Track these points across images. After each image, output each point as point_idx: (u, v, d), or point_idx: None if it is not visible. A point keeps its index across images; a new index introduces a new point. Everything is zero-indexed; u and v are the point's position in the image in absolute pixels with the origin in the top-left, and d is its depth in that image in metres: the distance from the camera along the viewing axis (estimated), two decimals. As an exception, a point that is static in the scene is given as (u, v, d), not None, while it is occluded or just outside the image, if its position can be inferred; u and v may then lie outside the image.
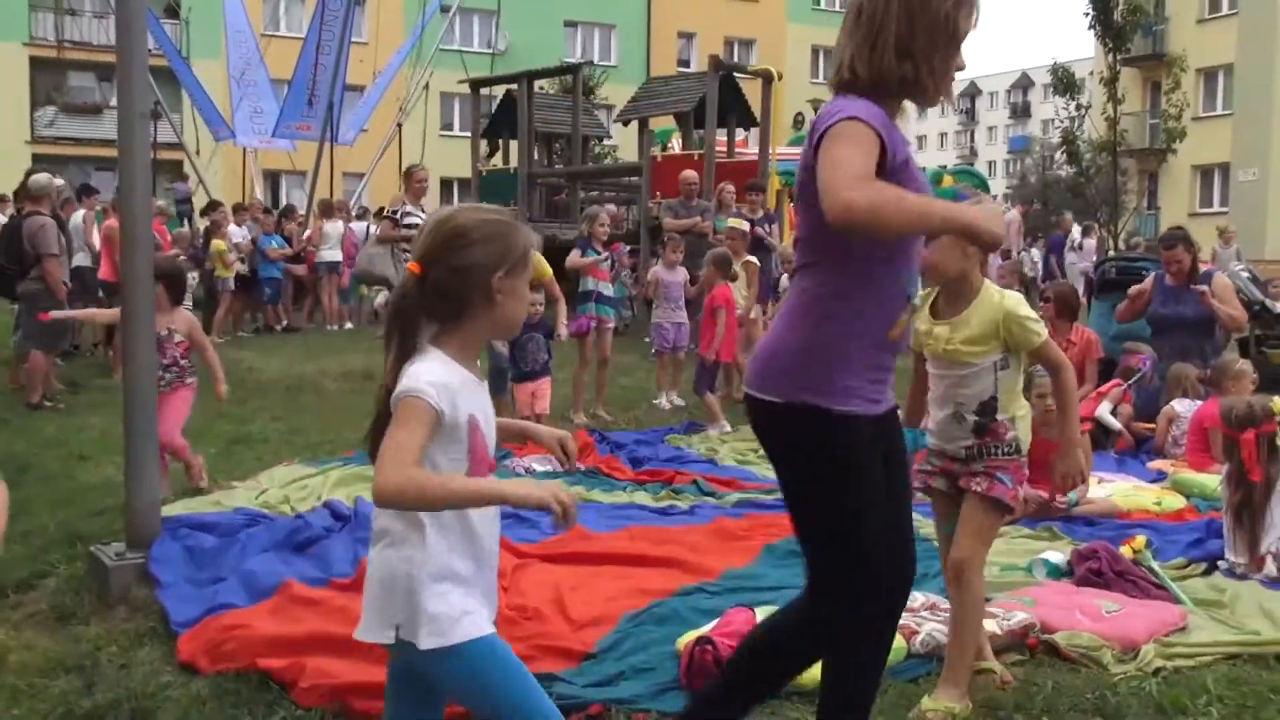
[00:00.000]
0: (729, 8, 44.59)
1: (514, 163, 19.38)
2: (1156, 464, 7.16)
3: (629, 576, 4.49)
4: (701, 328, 9.22)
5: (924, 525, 4.01)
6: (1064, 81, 17.54)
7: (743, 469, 7.12)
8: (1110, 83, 15.97)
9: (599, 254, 9.39)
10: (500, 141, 21.47)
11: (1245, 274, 10.86)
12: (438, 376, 2.28)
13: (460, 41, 32.96)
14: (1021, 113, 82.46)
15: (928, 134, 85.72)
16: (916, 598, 4.10)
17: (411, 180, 10.45)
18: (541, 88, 22.75)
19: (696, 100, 17.30)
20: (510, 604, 4.10)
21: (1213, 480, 6.44)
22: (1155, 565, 4.55)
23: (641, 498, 6.24)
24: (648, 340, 11.26)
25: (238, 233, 15.89)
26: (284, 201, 24.81)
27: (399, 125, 22.98)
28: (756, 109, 17.50)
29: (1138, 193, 37.89)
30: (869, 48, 2.65)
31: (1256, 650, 3.83)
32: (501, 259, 2.35)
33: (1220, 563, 4.78)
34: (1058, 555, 4.71)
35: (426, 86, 22.42)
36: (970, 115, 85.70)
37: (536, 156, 19.35)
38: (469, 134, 22.22)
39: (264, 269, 16.04)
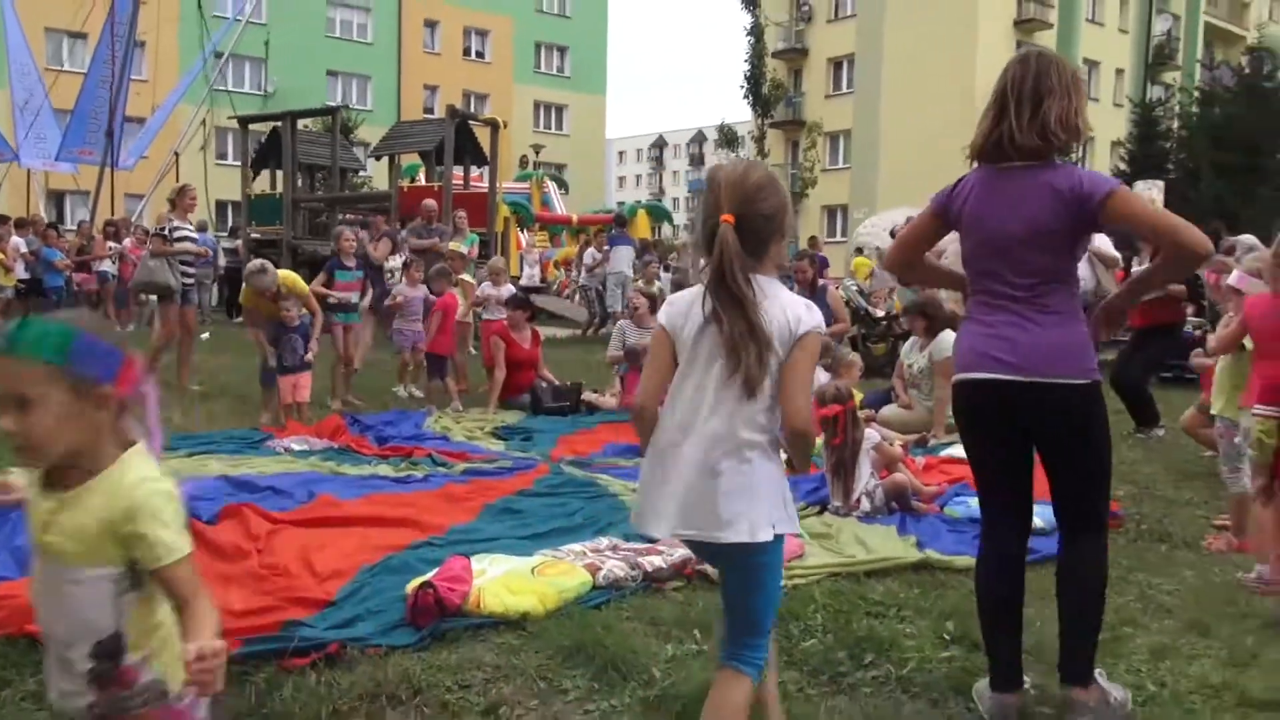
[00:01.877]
0: (466, 66, 44.08)
1: (280, 189, 18.48)
2: (789, 431, 7.59)
3: (368, 536, 4.33)
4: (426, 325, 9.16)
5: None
6: (727, 138, 18.48)
7: (472, 444, 7.02)
8: (759, 140, 17.00)
9: (349, 269, 9.11)
10: (268, 171, 20.42)
11: (854, 288, 11.68)
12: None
13: (233, 83, 31.02)
14: (698, 161, 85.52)
15: (626, 175, 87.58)
16: (601, 541, 4.19)
17: (184, 197, 9.85)
18: (305, 126, 21.77)
19: (437, 141, 17.03)
20: (263, 563, 3.90)
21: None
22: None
23: (384, 470, 6.02)
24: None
25: (20, 243, 14.40)
26: (69, 217, 22.75)
27: (176, 153, 21.45)
28: (488, 150, 17.41)
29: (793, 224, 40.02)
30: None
31: (852, 569, 4.08)
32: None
33: (832, 504, 5.10)
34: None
35: (204, 122, 21.02)
36: (659, 162, 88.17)
37: (300, 184, 18.50)
38: (236, 163, 21.02)
39: (49, 278, 14.62)
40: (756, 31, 17.41)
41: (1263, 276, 4.20)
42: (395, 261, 11.60)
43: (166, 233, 9.66)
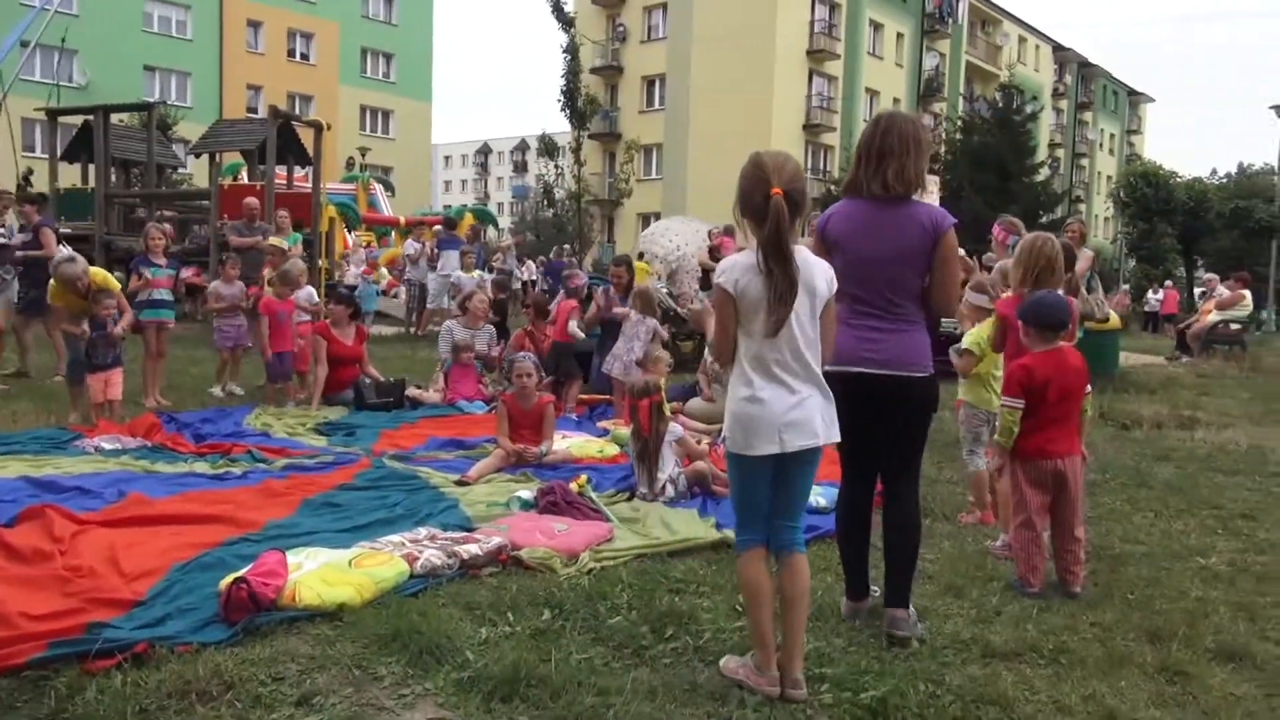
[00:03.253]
0: (291, 67, 42.12)
1: (92, 183, 17.06)
2: (603, 423, 7.63)
3: (182, 534, 4.05)
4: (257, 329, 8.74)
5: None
6: (548, 148, 18.52)
7: (293, 440, 6.69)
8: (576, 150, 17.10)
9: (159, 265, 8.54)
10: (79, 165, 18.81)
11: (664, 289, 11.88)
12: None
13: (41, 74, 28.45)
14: (521, 168, 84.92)
15: (452, 180, 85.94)
16: (420, 531, 4.09)
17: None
18: (121, 120, 20.23)
19: (260, 140, 16.17)
20: (66, 565, 3.59)
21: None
22: (593, 495, 4.83)
23: (201, 467, 5.65)
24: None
25: None
26: None
27: (-26, 144, 19.41)
28: (312, 151, 16.66)
29: (600, 230, 40.45)
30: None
31: (656, 550, 4.13)
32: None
33: (637, 492, 5.16)
34: (527, 493, 4.85)
35: (3, 111, 19.09)
36: (484, 168, 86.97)
37: (115, 180, 17.13)
38: (43, 155, 19.29)
39: None
40: (572, 49, 17.50)
41: (993, 288, 4.61)
42: None
43: None
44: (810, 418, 2.81)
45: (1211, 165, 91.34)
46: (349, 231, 22.77)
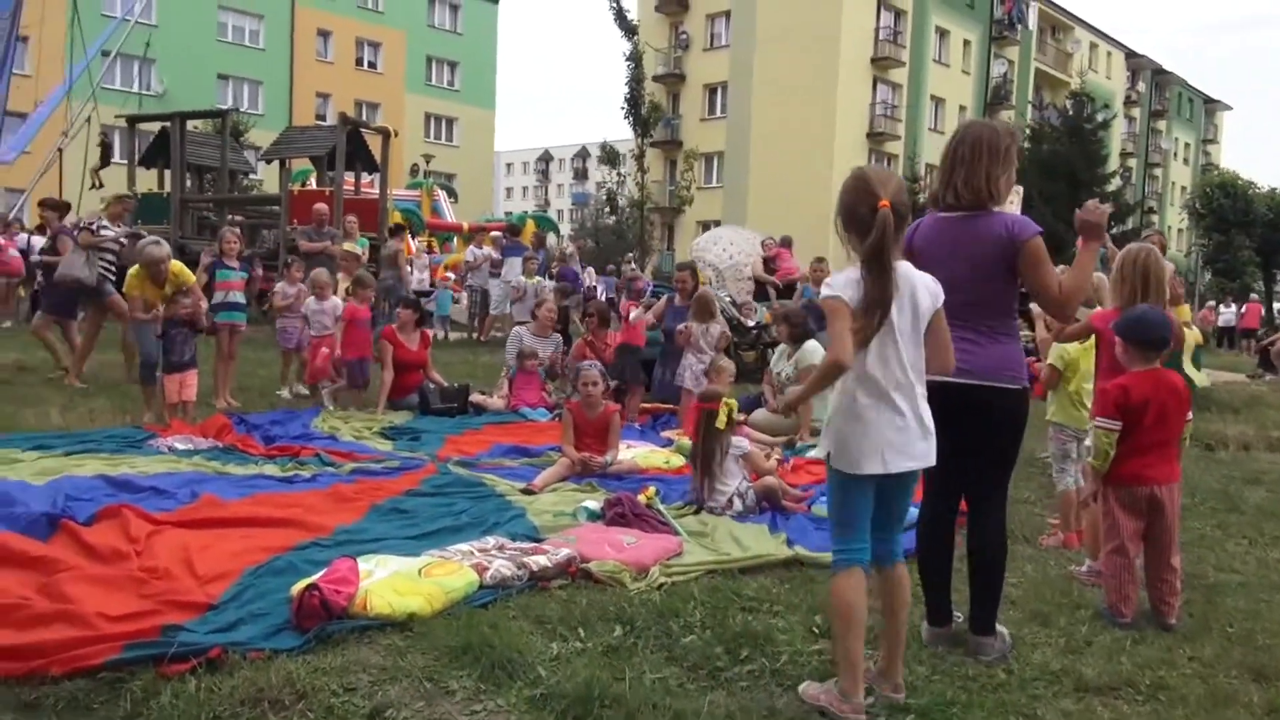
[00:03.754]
0: (358, 76, 42.94)
1: (168, 188, 17.53)
2: (667, 433, 7.56)
3: (253, 536, 4.08)
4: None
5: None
6: (609, 156, 18.57)
7: (359, 444, 6.73)
8: (640, 158, 17.09)
9: (232, 268, 8.69)
10: (155, 170, 19.35)
11: (727, 298, 11.76)
12: None
13: (121, 82, 29.38)
14: (581, 175, 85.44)
15: (514, 186, 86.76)
16: (488, 540, 4.05)
17: (117, 204, 9.93)
18: (195, 127, 20.75)
19: (329, 147, 16.47)
20: (142, 566, 3.62)
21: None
22: (661, 507, 4.75)
23: (270, 469, 5.71)
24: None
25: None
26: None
27: (60, 150, 20.07)
28: (379, 158, 16.92)
29: (660, 238, 40.44)
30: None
31: (727, 566, 4.04)
32: None
33: (706, 504, 5.05)
34: (594, 503, 4.78)
35: (89, 119, 19.71)
36: (545, 175, 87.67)
37: (189, 185, 17.58)
38: (125, 161, 19.85)
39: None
40: (635, 57, 17.50)
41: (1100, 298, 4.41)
42: None
43: (94, 228, 9.32)
44: (913, 440, 2.78)
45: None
46: (412, 237, 23.08)
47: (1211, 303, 31.12)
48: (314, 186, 18.67)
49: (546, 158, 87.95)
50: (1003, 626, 3.34)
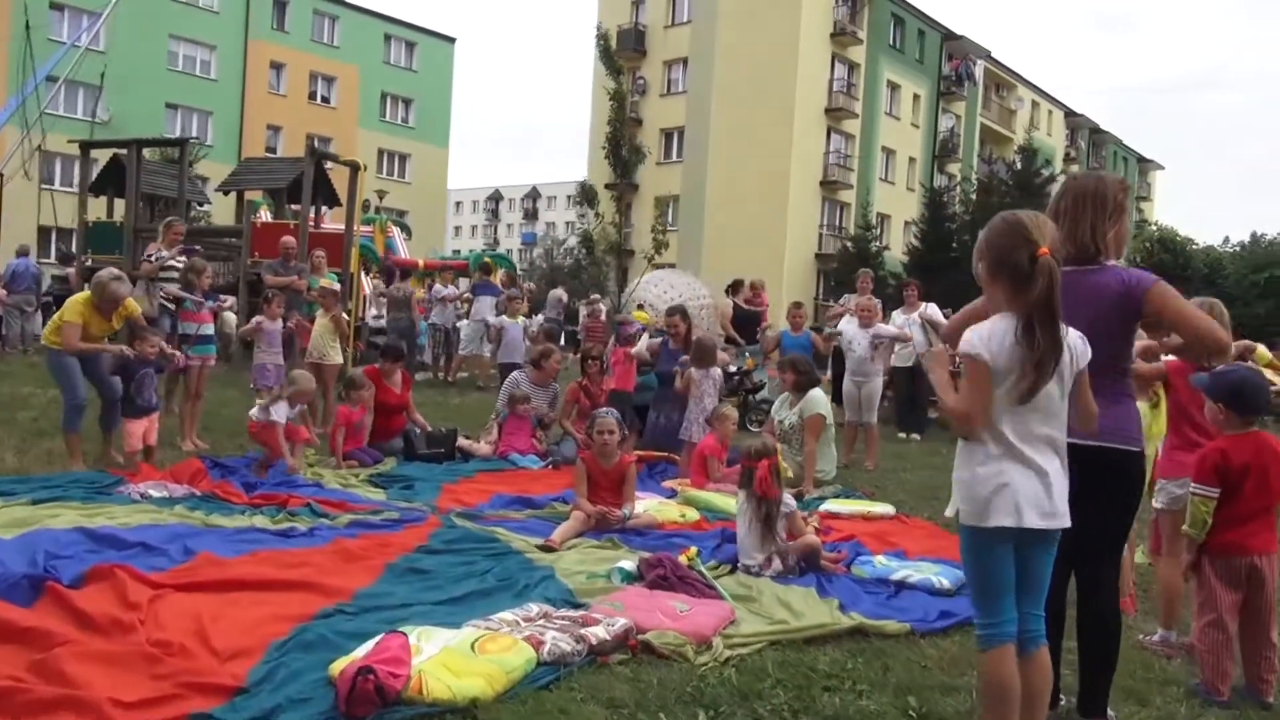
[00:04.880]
0: (311, 109, 42.38)
1: (119, 217, 16.86)
2: (669, 483, 7.24)
3: (266, 602, 3.67)
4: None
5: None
6: (588, 195, 18.45)
7: (349, 492, 6.29)
8: (619, 200, 17.00)
9: (200, 300, 8.24)
10: (104, 199, 18.63)
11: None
12: None
13: (64, 109, 28.52)
14: (532, 215, 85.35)
15: (463, 225, 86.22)
16: (531, 608, 3.69)
17: (170, 231, 9.71)
18: (146, 155, 20.09)
19: (291, 179, 16.02)
20: (151, 639, 3.19)
21: (714, 496, 6.63)
22: (703, 569, 4.45)
23: (261, 521, 5.26)
24: (251, 380, 9.96)
25: None
26: None
27: (-1, 174, 19.26)
28: (339, 191, 16.50)
29: (613, 279, 40.33)
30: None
31: (790, 636, 3.75)
32: None
33: (741, 563, 4.75)
34: (629, 563, 4.45)
35: (39, 148, 18.95)
36: (495, 214, 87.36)
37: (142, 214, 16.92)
38: (68, 188, 19.13)
39: None
40: (619, 96, 17.41)
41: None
42: None
43: (153, 259, 9.13)
44: (1053, 496, 2.60)
45: (1223, 233, 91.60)
46: (365, 274, 22.56)
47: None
48: (265, 219, 18.13)
49: (496, 197, 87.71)
50: (1111, 710, 3.09)
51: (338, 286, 10.25)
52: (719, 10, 39.03)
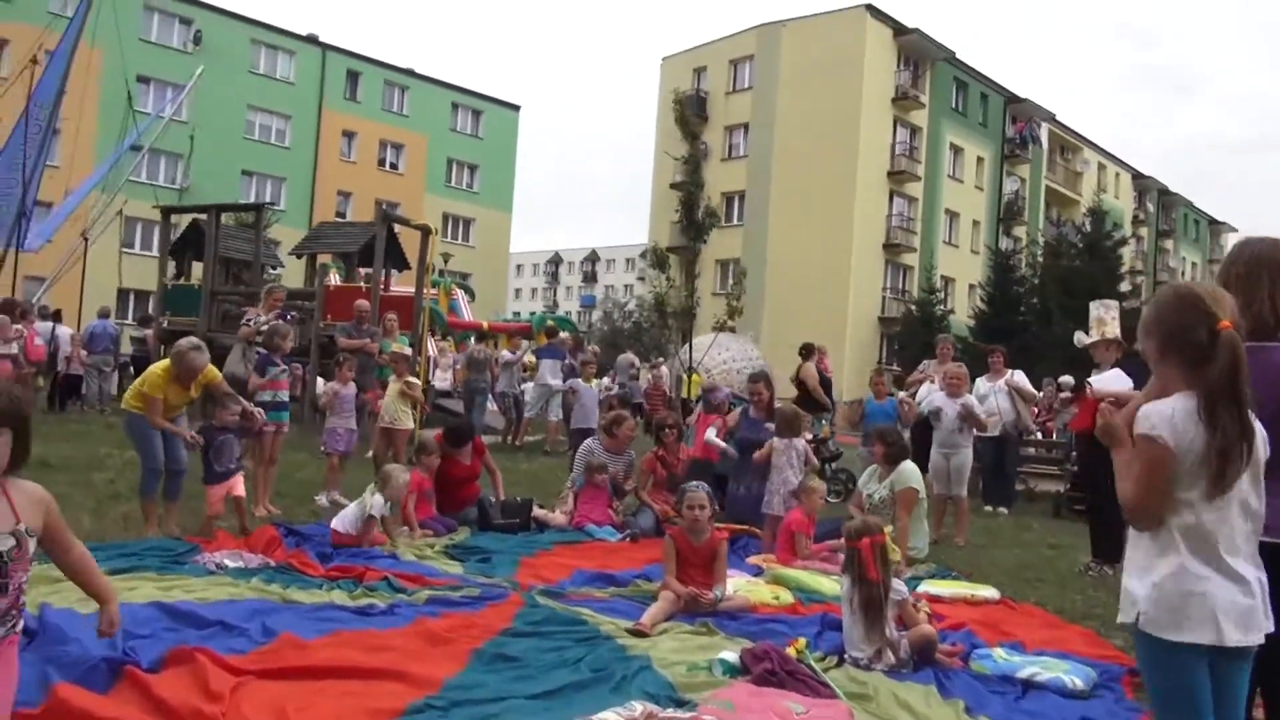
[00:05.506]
0: (380, 175, 43.51)
1: (196, 280, 17.26)
2: (753, 559, 6.90)
3: (352, 692, 3.43)
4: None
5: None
6: (659, 259, 18.74)
7: (424, 565, 6.09)
8: (691, 264, 17.10)
9: (279, 365, 8.20)
10: (177, 262, 19.15)
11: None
12: None
13: (147, 175, 29.55)
14: (591, 278, 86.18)
15: (523, 287, 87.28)
16: (635, 707, 3.40)
17: (270, 298, 10.27)
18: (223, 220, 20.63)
19: (362, 242, 16.24)
20: (234, 735, 2.98)
21: (804, 575, 6.28)
22: (813, 663, 4.11)
23: (339, 596, 5.05)
24: (322, 444, 9.85)
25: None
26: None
27: (85, 239, 19.88)
28: (408, 255, 16.70)
29: (674, 342, 40.21)
30: None
31: (922, 745, 3.41)
32: None
33: (848, 655, 4.40)
34: (731, 654, 4.12)
35: (120, 213, 19.59)
36: (555, 277, 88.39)
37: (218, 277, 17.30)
38: (148, 252, 19.68)
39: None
40: (694, 161, 17.59)
41: None
42: None
43: (249, 323, 9.43)
44: (1255, 606, 2.30)
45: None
46: (430, 336, 22.74)
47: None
48: (335, 282, 18.41)
49: (556, 260, 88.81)
50: None
51: (409, 351, 10.18)
52: (780, 77, 39.38)
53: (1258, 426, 2.36)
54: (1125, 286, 35.62)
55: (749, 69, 41.42)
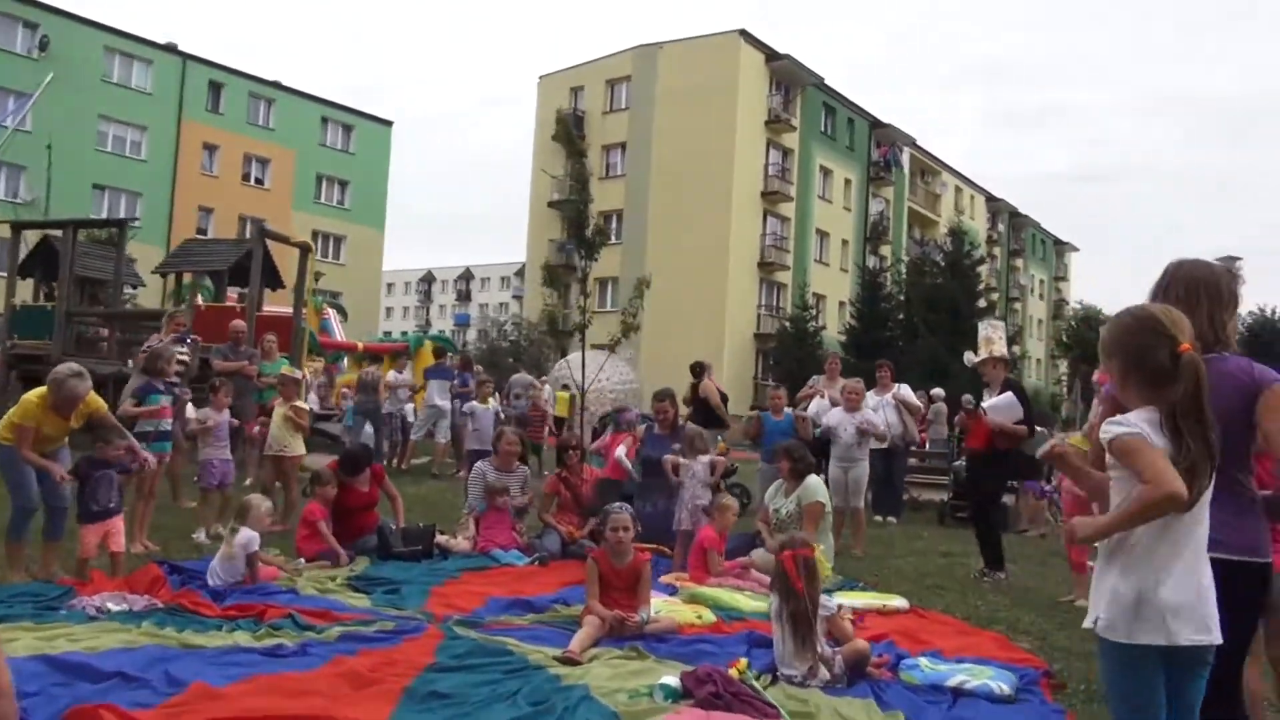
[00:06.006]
0: (244, 191, 41.75)
1: (45, 300, 16.09)
2: (666, 578, 6.84)
3: (280, 742, 3.19)
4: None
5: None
6: (551, 276, 18.66)
7: (328, 599, 5.76)
8: (582, 281, 16.95)
9: (160, 391, 7.67)
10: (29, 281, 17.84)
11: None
12: None
13: (-13, 189, 27.48)
14: (465, 297, 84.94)
15: (394, 306, 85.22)
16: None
17: (172, 322, 10.00)
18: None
19: (233, 260, 15.50)
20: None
21: (721, 593, 6.26)
22: (756, 684, 4.06)
23: (242, 638, 4.69)
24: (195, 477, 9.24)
25: None
26: None
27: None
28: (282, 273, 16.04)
29: (552, 360, 40.01)
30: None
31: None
32: None
33: (781, 673, 4.38)
34: (673, 679, 4.03)
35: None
36: (428, 295, 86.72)
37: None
38: (6, 272, 18.23)
39: None
40: (582, 179, 17.54)
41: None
42: None
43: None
44: (1208, 606, 2.37)
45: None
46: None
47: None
48: (201, 303, 17.49)
49: (429, 278, 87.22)
50: None
51: (299, 374, 9.71)
52: (657, 98, 39.87)
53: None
54: (982, 303, 37.49)
55: (626, 90, 41.81)
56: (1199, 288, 2.86)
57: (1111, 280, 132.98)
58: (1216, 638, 2.39)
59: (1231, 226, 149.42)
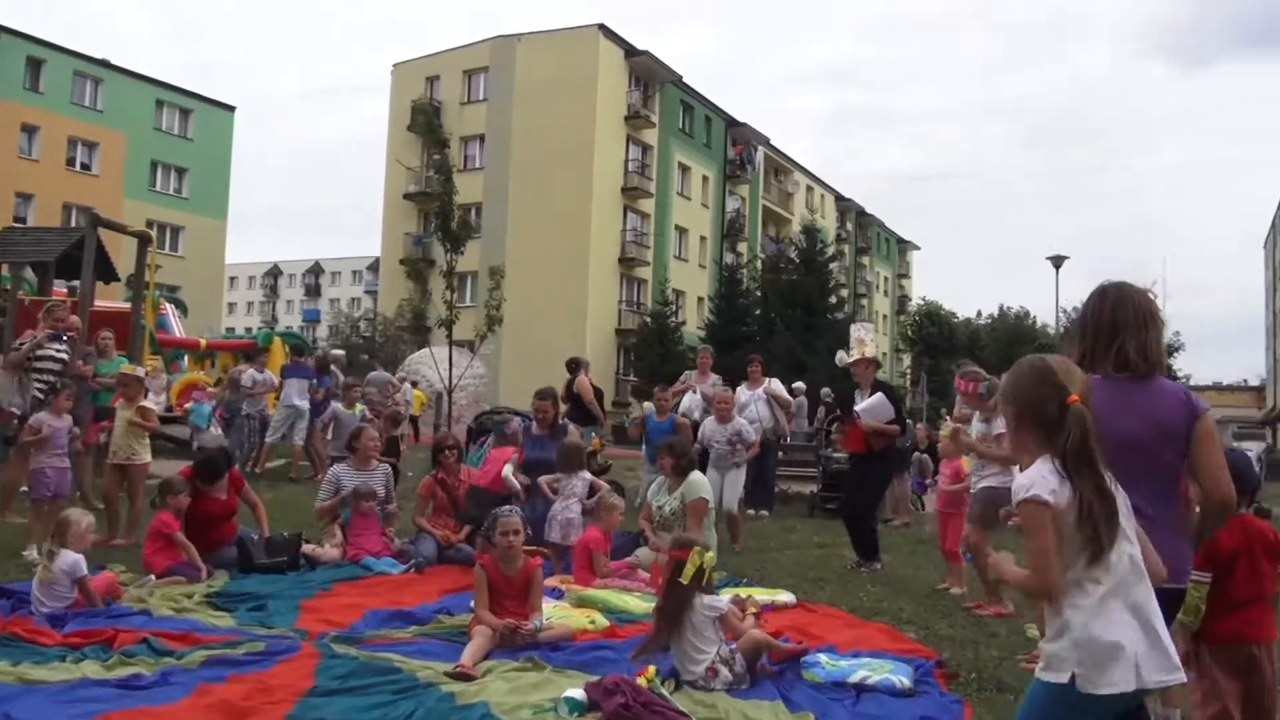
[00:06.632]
0: (70, 177, 38.71)
1: None
2: (550, 580, 6.62)
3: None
4: None
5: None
6: (415, 270, 18.02)
7: (187, 619, 5.28)
8: (449, 275, 16.42)
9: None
10: None
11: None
12: None
13: None
14: (314, 291, 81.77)
15: (237, 301, 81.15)
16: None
17: (51, 317, 8.89)
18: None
19: (60, 250, 14.22)
20: None
21: (609, 595, 6.12)
22: (664, 691, 3.93)
23: (91, 669, 4.19)
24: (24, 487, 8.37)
25: None
26: None
27: None
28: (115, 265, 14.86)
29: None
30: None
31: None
32: None
33: (682, 677, 4.26)
34: (576, 691, 3.85)
35: None
36: (274, 290, 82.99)
37: None
38: None
39: None
40: (446, 170, 17.03)
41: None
42: None
43: (21, 348, 8.30)
44: (1168, 645, 2.36)
45: (976, 307, 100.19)
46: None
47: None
48: (25, 297, 16.01)
49: (275, 272, 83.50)
50: None
51: (142, 373, 8.95)
52: (515, 91, 39.33)
53: (1117, 490, 2.43)
54: (834, 299, 38.80)
55: (484, 81, 41.06)
56: (1145, 313, 2.94)
57: (950, 277, 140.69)
58: (1182, 677, 2.40)
59: (1054, 228, 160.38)
